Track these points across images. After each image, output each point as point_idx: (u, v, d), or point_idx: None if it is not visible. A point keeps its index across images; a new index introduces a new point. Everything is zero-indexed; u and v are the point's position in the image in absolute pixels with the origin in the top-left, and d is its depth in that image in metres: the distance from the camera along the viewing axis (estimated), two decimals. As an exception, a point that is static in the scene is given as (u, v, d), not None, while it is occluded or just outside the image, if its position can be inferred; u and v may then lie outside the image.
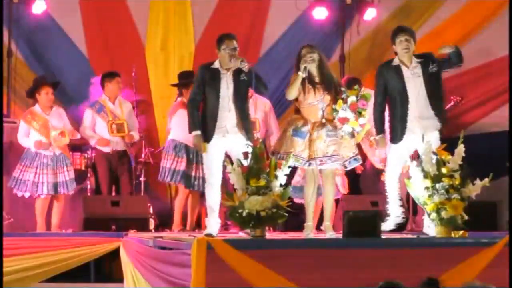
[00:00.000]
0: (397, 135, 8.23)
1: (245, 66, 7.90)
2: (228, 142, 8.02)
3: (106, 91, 10.39)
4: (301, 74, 7.89)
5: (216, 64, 8.08)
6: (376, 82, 8.41)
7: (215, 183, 8.05)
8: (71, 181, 10.00)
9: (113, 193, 10.35)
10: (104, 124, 10.22)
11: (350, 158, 8.01)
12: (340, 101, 7.85)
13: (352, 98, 7.80)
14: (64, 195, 10.00)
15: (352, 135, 7.95)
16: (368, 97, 7.89)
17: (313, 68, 8.01)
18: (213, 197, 8.06)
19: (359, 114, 7.79)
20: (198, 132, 8.02)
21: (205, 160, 8.17)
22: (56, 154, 9.95)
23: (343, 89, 8.04)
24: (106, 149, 10.27)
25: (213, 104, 8.00)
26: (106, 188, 10.26)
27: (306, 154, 7.87)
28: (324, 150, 7.89)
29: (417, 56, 8.26)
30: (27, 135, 9.97)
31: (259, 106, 10.20)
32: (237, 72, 8.02)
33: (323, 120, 7.93)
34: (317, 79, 8.01)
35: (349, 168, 8.19)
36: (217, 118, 7.97)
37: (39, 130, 9.93)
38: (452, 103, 11.10)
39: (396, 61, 8.25)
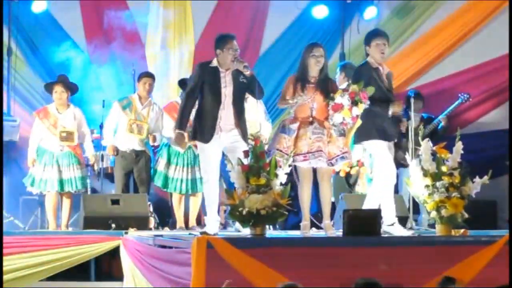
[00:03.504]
0: (386, 132, 8.13)
1: (248, 72, 7.90)
2: (223, 140, 8.00)
3: (138, 90, 10.45)
4: (296, 101, 7.89)
5: (215, 63, 8.05)
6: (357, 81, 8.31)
7: (212, 182, 8.05)
8: (79, 179, 10.05)
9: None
10: (126, 121, 10.26)
11: (337, 156, 7.94)
12: (340, 91, 7.84)
13: (354, 87, 7.78)
14: (72, 193, 10.08)
15: (341, 134, 7.90)
16: (371, 91, 7.83)
17: (315, 69, 8.01)
18: (211, 195, 8.06)
19: (355, 103, 7.74)
20: (183, 132, 8.06)
21: (202, 159, 8.16)
22: (63, 151, 10.00)
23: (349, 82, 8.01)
24: (123, 148, 10.30)
25: (210, 102, 7.96)
26: (120, 186, 10.29)
27: (291, 151, 7.85)
28: (308, 147, 7.87)
29: None
30: (40, 132, 10.05)
31: (257, 104, 10.26)
32: (237, 73, 8.00)
33: (310, 119, 7.92)
34: (313, 80, 8.01)
35: (335, 166, 8.12)
36: (216, 118, 7.95)
37: (48, 127, 10.02)
38: (459, 100, 11.11)
39: (374, 63, 8.17)
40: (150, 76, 10.48)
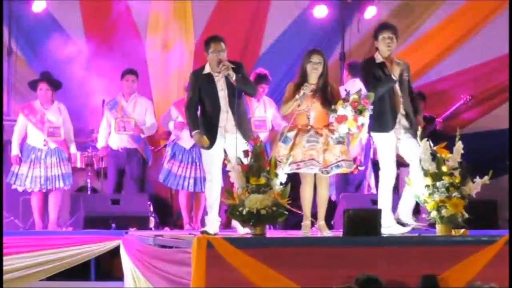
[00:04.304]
0: (388, 124, 8.11)
1: (232, 78, 7.92)
2: (227, 141, 8.05)
3: (122, 88, 10.49)
4: (300, 97, 7.87)
5: (208, 69, 8.11)
6: (365, 75, 8.29)
7: (215, 181, 8.08)
8: (65, 176, 10.01)
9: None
10: (114, 121, 10.31)
11: (332, 164, 7.89)
12: (340, 101, 7.81)
13: (354, 97, 7.77)
14: (61, 191, 10.01)
15: (339, 142, 7.88)
16: (371, 98, 7.83)
17: (313, 75, 8.01)
18: (213, 195, 8.07)
19: (359, 112, 7.73)
20: (198, 130, 8.07)
21: (206, 159, 8.19)
22: (50, 148, 9.99)
23: (345, 89, 8.00)
24: (115, 147, 10.34)
25: (210, 108, 8.04)
26: (112, 185, 10.30)
27: (286, 159, 7.84)
28: (302, 155, 7.86)
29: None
30: (23, 129, 10.04)
31: (269, 105, 10.34)
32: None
33: (308, 127, 7.91)
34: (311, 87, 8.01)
35: (330, 174, 8.05)
36: (218, 121, 7.99)
37: (35, 123, 10.00)
38: (461, 101, 11.11)
39: (379, 58, 8.20)
40: (132, 72, 10.54)
